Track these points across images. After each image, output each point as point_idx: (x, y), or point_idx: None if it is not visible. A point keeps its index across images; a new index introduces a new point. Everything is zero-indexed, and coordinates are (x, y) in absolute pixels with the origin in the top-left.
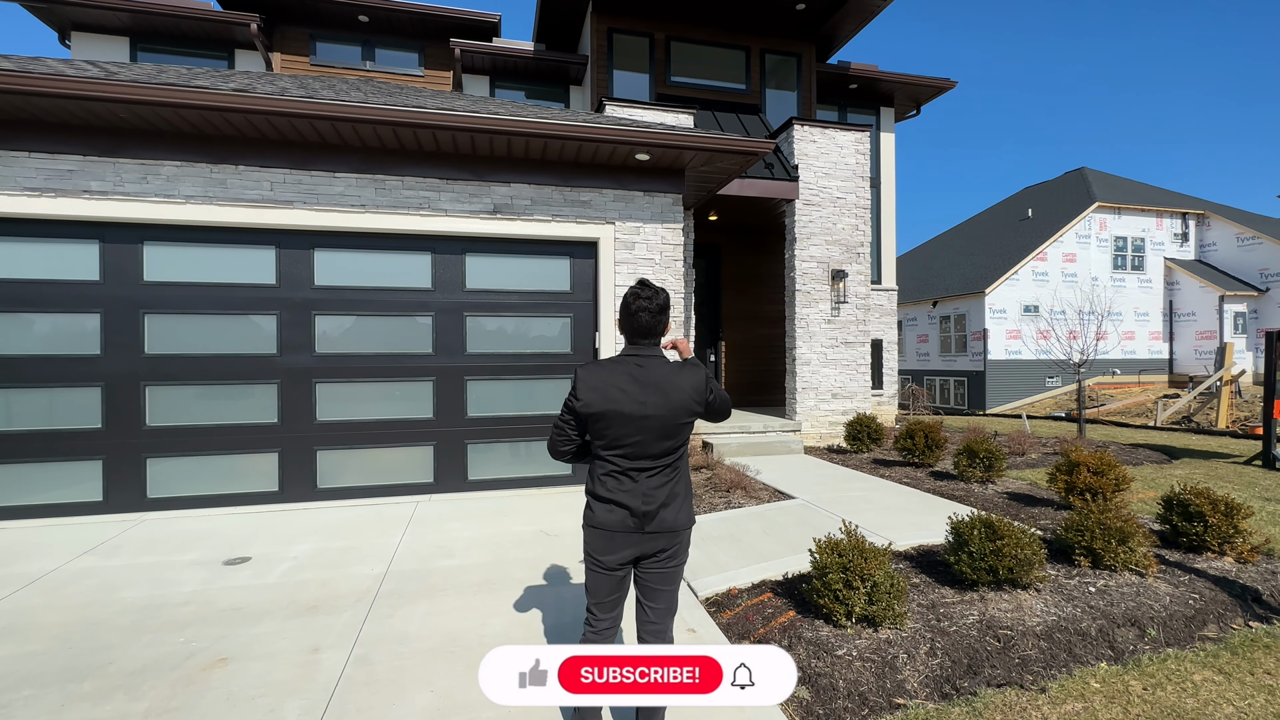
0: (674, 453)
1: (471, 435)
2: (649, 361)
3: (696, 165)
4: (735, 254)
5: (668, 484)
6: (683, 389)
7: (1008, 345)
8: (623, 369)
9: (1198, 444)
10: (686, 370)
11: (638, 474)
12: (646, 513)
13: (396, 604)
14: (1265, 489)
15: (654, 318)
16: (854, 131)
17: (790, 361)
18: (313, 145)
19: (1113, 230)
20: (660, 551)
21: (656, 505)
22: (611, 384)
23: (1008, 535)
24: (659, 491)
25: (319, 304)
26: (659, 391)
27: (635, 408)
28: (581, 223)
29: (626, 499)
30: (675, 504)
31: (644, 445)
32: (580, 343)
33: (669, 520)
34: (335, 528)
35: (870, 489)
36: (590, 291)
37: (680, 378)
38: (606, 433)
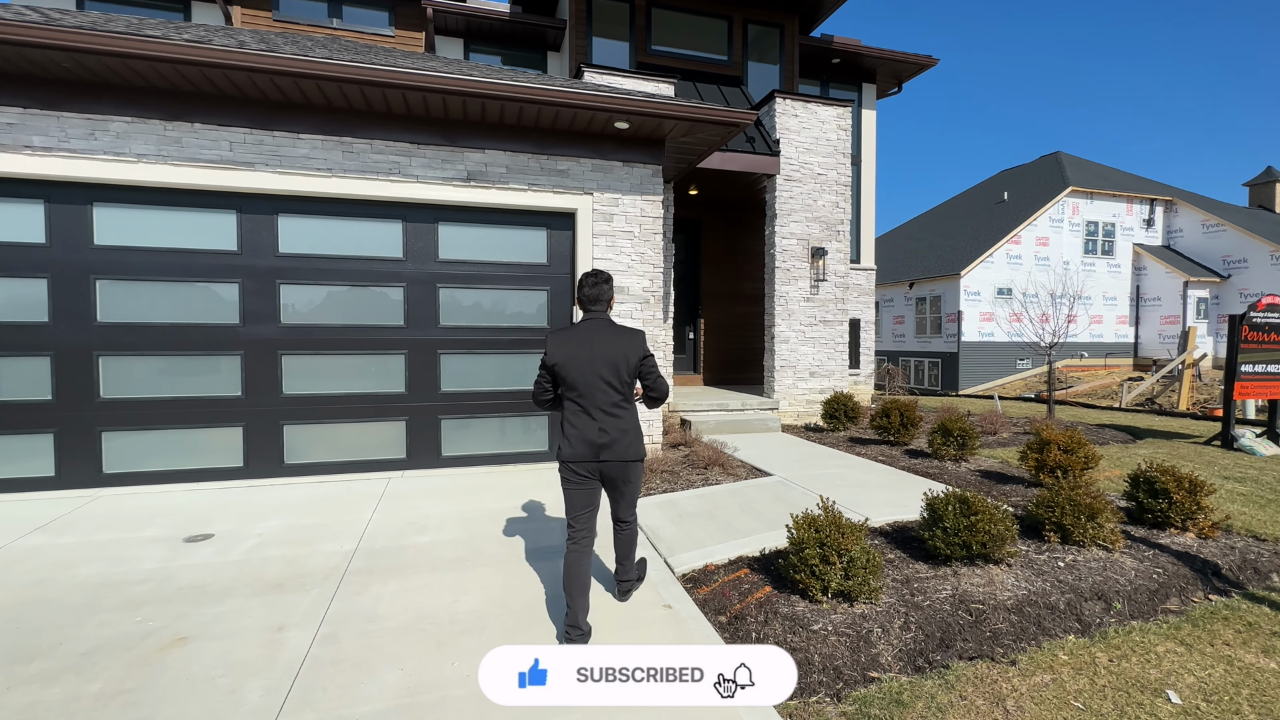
0: (620, 396)
1: (445, 410)
2: (597, 324)
3: (677, 136)
4: (715, 230)
5: (616, 423)
6: (622, 346)
7: (981, 327)
8: (577, 331)
9: (1160, 425)
10: (627, 334)
11: (594, 412)
12: (601, 444)
13: (366, 581)
14: (1224, 468)
15: (593, 289)
16: (836, 106)
17: (769, 339)
18: (275, 104)
19: (1085, 215)
20: (619, 477)
21: (608, 439)
22: (569, 342)
23: (981, 511)
24: (611, 428)
25: (284, 272)
26: (600, 345)
27: (583, 357)
28: (559, 193)
29: (586, 432)
30: (625, 439)
31: (592, 387)
32: (557, 317)
33: (618, 451)
34: (303, 504)
35: (846, 466)
36: (568, 264)
37: (622, 337)
38: (565, 378)
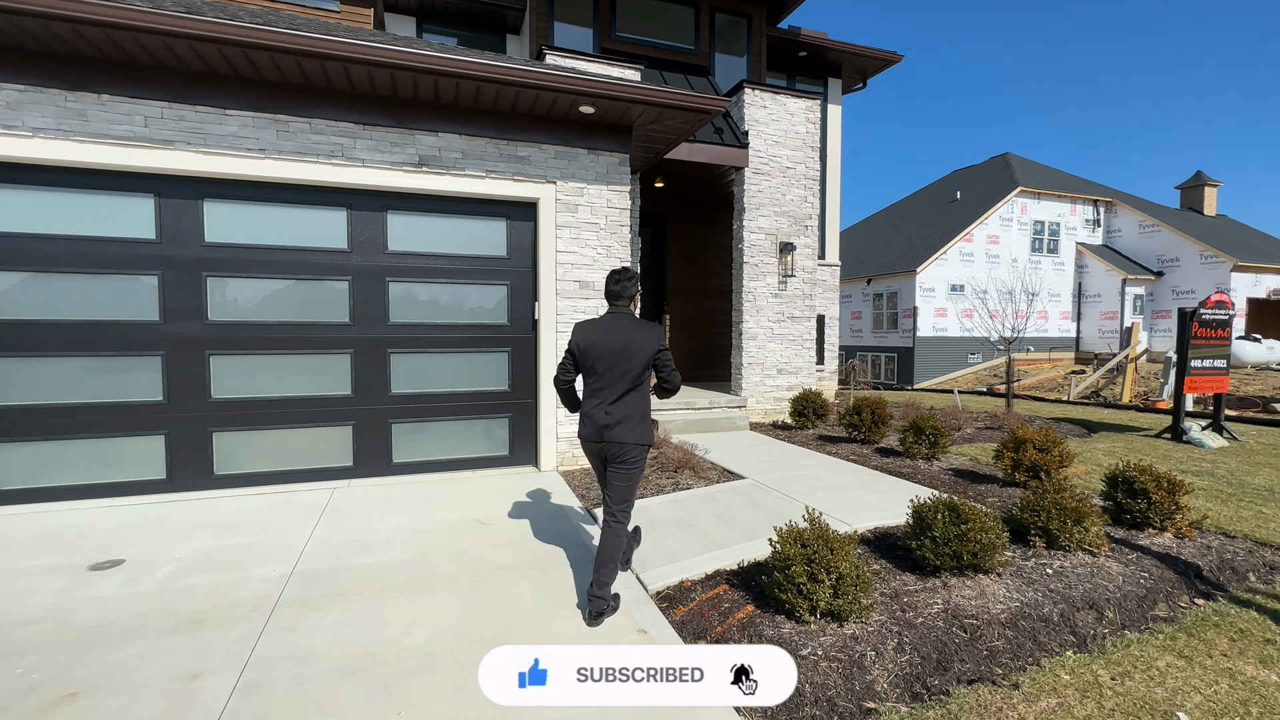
0: (631, 385)
1: (396, 414)
2: (619, 317)
3: (645, 122)
4: (681, 224)
5: (622, 408)
6: (637, 338)
7: (935, 323)
8: (600, 321)
9: (1110, 418)
10: (645, 327)
11: (607, 395)
12: (604, 425)
13: (301, 612)
14: (1179, 461)
15: (616, 285)
16: (805, 99)
17: (737, 336)
18: (198, 75)
19: (1032, 215)
20: (616, 457)
21: (612, 420)
22: (593, 330)
23: (972, 519)
24: (616, 412)
25: (211, 264)
26: (620, 337)
27: (603, 345)
28: (519, 181)
29: (595, 414)
30: (627, 424)
31: (609, 375)
32: (518, 313)
33: (619, 433)
34: (234, 521)
35: (819, 467)
36: (529, 257)
37: (638, 330)
38: (584, 364)
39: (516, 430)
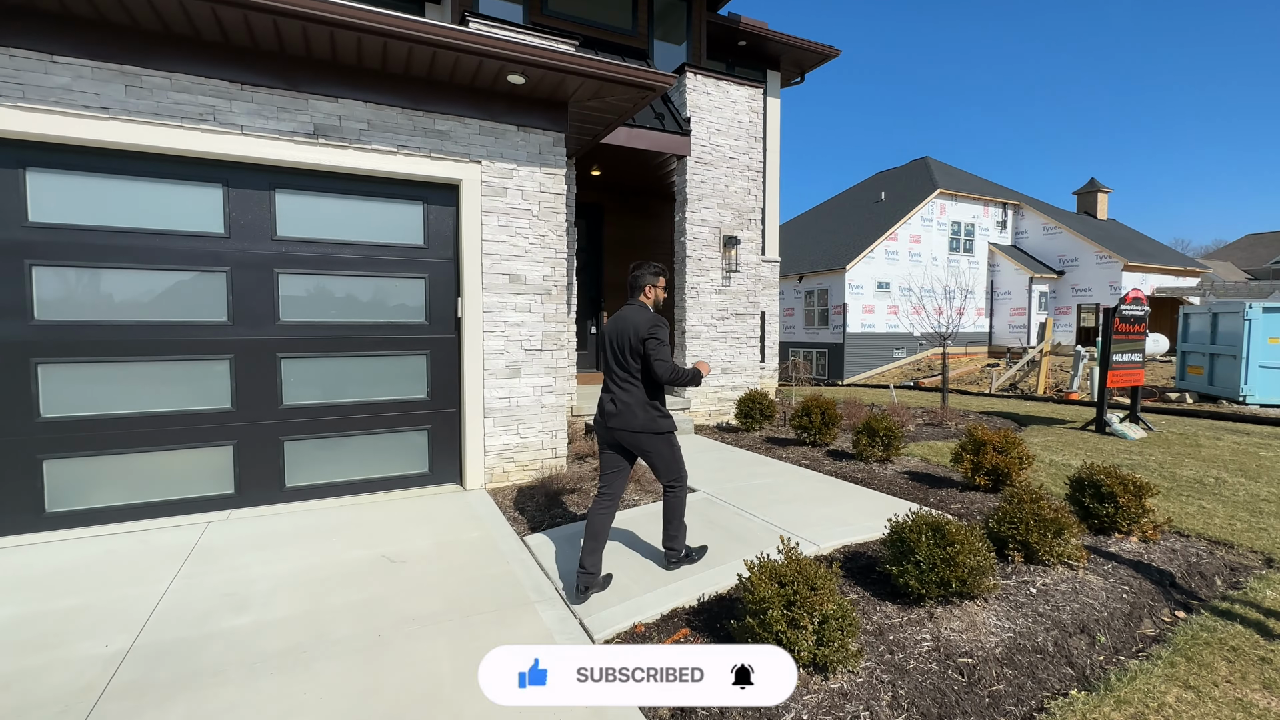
0: (628, 373)
1: (290, 430)
2: (629, 308)
3: (582, 98)
4: (620, 216)
5: (622, 395)
6: (632, 323)
7: (864, 319)
8: (618, 313)
9: (1034, 410)
10: (638, 315)
11: (609, 384)
12: (608, 413)
13: (136, 710)
14: (1109, 454)
15: (629, 277)
16: (748, 87)
17: (680, 334)
18: (12, 9)
19: (950, 215)
20: (637, 448)
21: (614, 410)
22: (610, 322)
23: (960, 541)
24: (616, 401)
25: (35, 249)
26: (621, 325)
27: (611, 335)
28: (438, 159)
29: (602, 402)
30: (627, 412)
31: (611, 362)
32: (439, 311)
33: (622, 421)
34: (62, 574)
35: (772, 475)
36: (451, 247)
37: (631, 319)
38: (602, 355)
39: (438, 444)
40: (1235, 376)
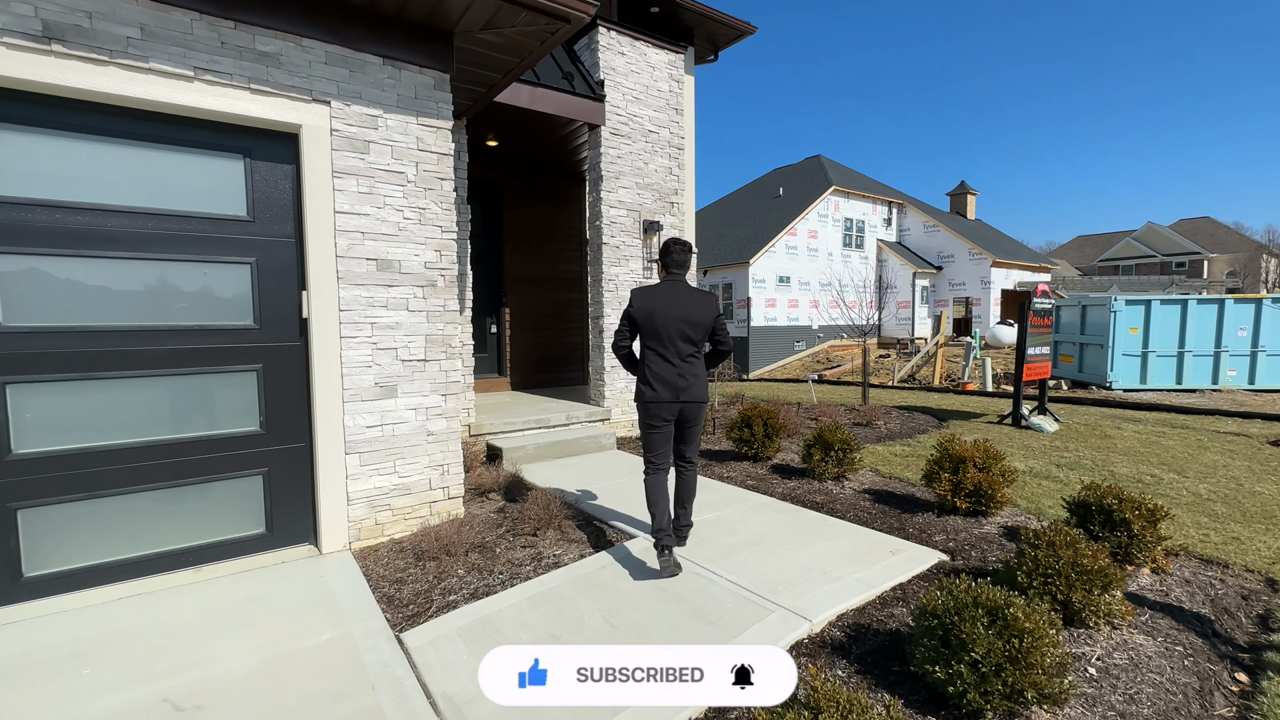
0: (695, 349)
1: (28, 491)
2: (680, 285)
3: (474, 25)
4: (522, 198)
5: (691, 369)
6: (699, 305)
7: (767, 313)
8: (661, 289)
9: (945, 403)
10: (704, 296)
11: (675, 360)
12: (681, 387)
13: None
14: (1036, 450)
15: (684, 255)
16: (668, 51)
17: (596, 333)
18: None
19: (844, 212)
20: (691, 418)
21: (686, 384)
22: (656, 297)
23: (1032, 627)
24: (687, 374)
25: None
26: (682, 302)
27: (669, 312)
28: (263, 93)
29: (667, 376)
30: (698, 383)
31: (674, 339)
32: (275, 308)
33: (695, 393)
34: None
35: (721, 503)
36: (290, 221)
37: (698, 299)
38: (648, 329)
39: (279, 492)
40: (1103, 364)
